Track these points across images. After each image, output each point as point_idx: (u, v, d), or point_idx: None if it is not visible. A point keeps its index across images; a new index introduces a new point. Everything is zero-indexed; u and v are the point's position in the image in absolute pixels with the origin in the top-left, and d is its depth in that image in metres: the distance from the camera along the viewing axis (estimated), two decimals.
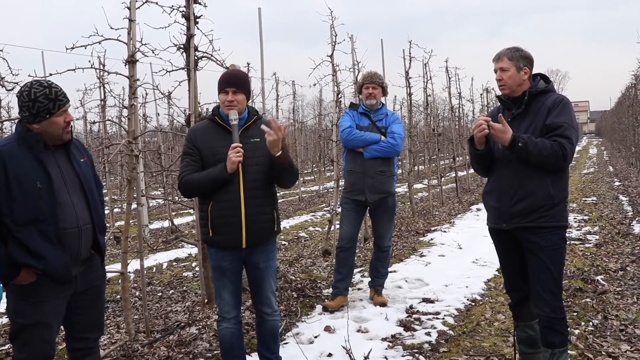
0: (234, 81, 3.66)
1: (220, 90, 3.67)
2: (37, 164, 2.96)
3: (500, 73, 3.59)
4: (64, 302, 3.12)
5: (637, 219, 10.45)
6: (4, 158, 2.89)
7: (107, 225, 10.92)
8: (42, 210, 2.92)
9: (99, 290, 3.34)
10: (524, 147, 3.35)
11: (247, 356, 4.11)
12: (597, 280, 6.36)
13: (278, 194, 4.01)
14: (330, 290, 5.97)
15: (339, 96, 8.44)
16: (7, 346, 4.97)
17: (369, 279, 6.09)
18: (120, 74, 5.02)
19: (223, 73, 3.77)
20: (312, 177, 26.74)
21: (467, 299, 6.00)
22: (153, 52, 5.12)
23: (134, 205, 5.10)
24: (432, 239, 9.45)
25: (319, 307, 5.76)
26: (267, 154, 3.65)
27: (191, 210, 11.99)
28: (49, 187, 2.96)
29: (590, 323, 5.04)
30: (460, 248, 8.72)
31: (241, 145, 3.55)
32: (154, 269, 8.32)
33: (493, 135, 3.46)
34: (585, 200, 13.77)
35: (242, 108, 3.68)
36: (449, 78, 16.32)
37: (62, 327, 3.28)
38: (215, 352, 4.61)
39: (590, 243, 8.59)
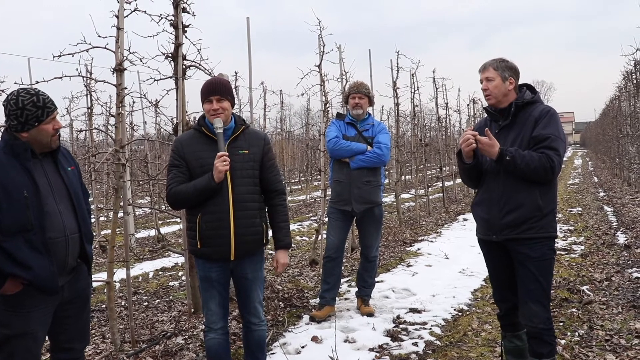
0: (218, 89, 3.62)
1: (204, 99, 3.63)
2: (24, 172, 2.91)
3: (485, 83, 3.60)
4: (50, 312, 3.08)
5: (621, 229, 10.54)
6: None
7: (94, 234, 10.87)
8: (29, 219, 2.87)
9: (85, 299, 3.30)
10: (511, 161, 3.36)
11: None
12: (583, 290, 6.40)
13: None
14: (318, 300, 5.96)
15: (327, 106, 8.46)
16: None
17: (356, 289, 6.08)
18: (107, 82, 5.01)
19: (205, 82, 3.72)
20: (300, 187, 26.73)
21: (454, 309, 6.00)
22: (141, 61, 5.12)
23: (120, 214, 5.07)
24: (419, 249, 9.46)
25: (306, 317, 5.74)
26: (257, 166, 3.66)
27: (178, 219, 11.93)
28: (36, 196, 2.91)
29: (576, 333, 5.07)
30: (447, 258, 8.74)
31: (227, 154, 3.52)
32: (140, 278, 8.26)
33: (480, 149, 3.48)
34: (571, 211, 13.87)
35: (228, 115, 3.66)
36: (436, 88, 16.45)
37: (47, 337, 3.24)
38: None
39: (575, 253, 8.64)
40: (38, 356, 3.09)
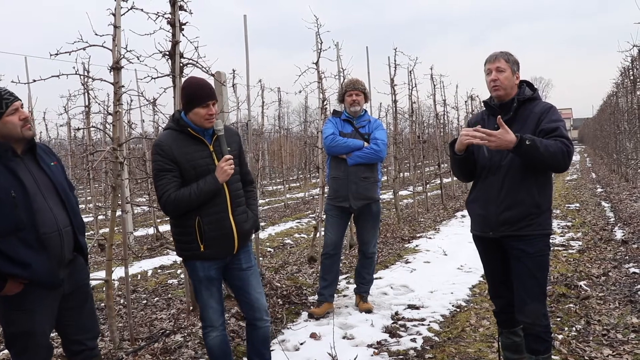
0: (213, 93, 3.56)
1: (200, 103, 3.48)
2: (9, 173, 2.93)
3: (496, 73, 3.51)
4: (54, 307, 3.15)
5: (619, 225, 10.56)
6: None
7: (92, 232, 10.85)
8: (20, 219, 2.89)
9: (85, 290, 3.36)
10: (532, 145, 3.22)
11: None
12: (580, 285, 6.43)
13: (264, 200, 4.02)
14: (316, 297, 5.98)
15: (325, 103, 8.46)
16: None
17: (355, 286, 6.10)
18: (105, 80, 5.01)
19: (194, 84, 3.57)
20: (298, 184, 26.75)
21: (452, 305, 6.03)
22: (138, 59, 5.11)
23: (118, 213, 5.08)
24: (417, 246, 9.48)
25: (304, 314, 5.76)
26: (237, 162, 3.69)
27: None
28: (24, 194, 2.93)
29: (574, 328, 5.09)
30: (446, 254, 8.76)
31: (232, 156, 3.56)
32: (139, 276, 8.27)
33: (495, 143, 3.30)
34: (569, 207, 13.89)
35: None
36: (434, 85, 16.41)
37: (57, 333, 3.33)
38: (201, 359, 4.60)
39: (573, 249, 8.66)
40: (49, 347, 3.17)
